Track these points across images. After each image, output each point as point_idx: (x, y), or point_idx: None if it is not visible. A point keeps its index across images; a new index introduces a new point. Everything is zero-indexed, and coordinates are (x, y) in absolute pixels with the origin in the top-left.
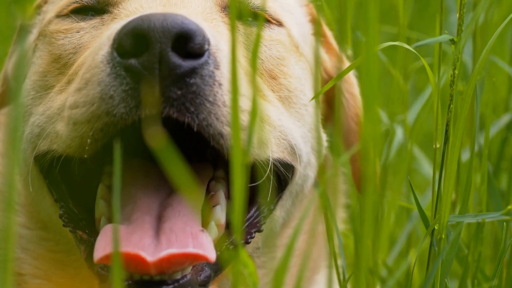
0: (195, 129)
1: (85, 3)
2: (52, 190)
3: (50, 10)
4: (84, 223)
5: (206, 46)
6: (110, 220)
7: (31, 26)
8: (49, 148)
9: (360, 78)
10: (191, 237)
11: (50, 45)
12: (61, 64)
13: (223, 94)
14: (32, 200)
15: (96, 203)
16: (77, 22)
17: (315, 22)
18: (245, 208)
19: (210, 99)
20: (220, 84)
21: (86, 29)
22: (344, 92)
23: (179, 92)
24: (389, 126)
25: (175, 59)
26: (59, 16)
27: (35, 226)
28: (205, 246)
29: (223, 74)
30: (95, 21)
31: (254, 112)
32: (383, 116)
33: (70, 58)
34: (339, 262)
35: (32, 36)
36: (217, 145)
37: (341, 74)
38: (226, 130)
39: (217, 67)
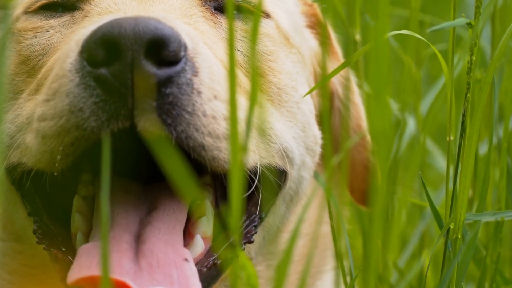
0: (173, 142)
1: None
2: (26, 203)
3: (18, 5)
4: (59, 239)
5: (182, 53)
6: (87, 236)
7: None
8: (19, 161)
9: (369, 65)
10: (175, 266)
11: (18, 44)
12: (29, 66)
13: (203, 103)
14: (5, 211)
15: (72, 216)
16: (47, 20)
17: (321, 26)
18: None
19: (189, 109)
20: (199, 92)
21: (56, 28)
22: (344, 100)
23: (154, 104)
24: (400, 117)
25: (149, 67)
26: (27, 12)
27: (9, 237)
28: (190, 280)
29: (202, 81)
30: (66, 18)
31: (250, 120)
32: (394, 106)
33: (39, 60)
34: (346, 264)
35: None
36: (199, 157)
37: (344, 64)
38: (208, 141)
39: (195, 73)
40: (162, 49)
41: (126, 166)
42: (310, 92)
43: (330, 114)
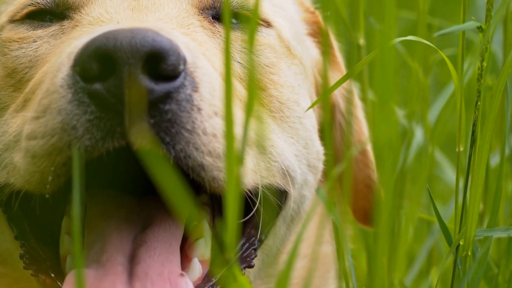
0: (171, 162)
1: (42, 6)
2: (12, 225)
3: (2, 13)
4: (48, 264)
5: (181, 67)
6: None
7: None
8: (6, 182)
9: (374, 71)
10: (169, 284)
11: (2, 56)
12: (16, 79)
13: (203, 121)
14: None
15: (61, 239)
16: (33, 30)
17: (322, 34)
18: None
19: (188, 127)
20: (199, 109)
21: (43, 38)
22: (346, 115)
23: (152, 121)
24: (407, 127)
25: (147, 82)
26: (12, 21)
27: None
28: None
29: (202, 97)
30: (54, 28)
31: (245, 137)
32: (400, 115)
33: (26, 73)
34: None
35: None
36: (198, 178)
37: (347, 75)
38: (207, 160)
39: (195, 89)
40: (160, 63)
41: (117, 179)
42: (312, 106)
43: (331, 128)
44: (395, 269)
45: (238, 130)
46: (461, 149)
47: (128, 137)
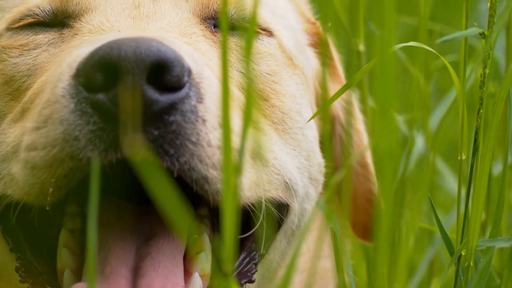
0: (175, 175)
1: (41, 19)
2: (8, 238)
3: (0, 19)
4: (44, 277)
5: (186, 78)
6: (75, 273)
7: None
8: (3, 193)
9: (374, 78)
10: None
11: (1, 63)
12: (14, 88)
13: (208, 132)
14: None
15: (58, 252)
16: (34, 35)
17: (322, 44)
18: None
19: (193, 139)
20: (204, 121)
21: (43, 46)
22: (346, 127)
23: (156, 133)
24: (407, 134)
25: (151, 93)
26: (10, 29)
27: None
28: None
29: (207, 108)
30: (54, 36)
31: (242, 148)
32: (401, 122)
33: (24, 82)
34: None
35: None
36: (201, 191)
37: (348, 85)
38: (212, 173)
39: (200, 100)
40: (164, 74)
41: (120, 187)
42: (313, 117)
43: (331, 140)
44: (396, 280)
45: (237, 140)
46: (463, 157)
47: (128, 149)
